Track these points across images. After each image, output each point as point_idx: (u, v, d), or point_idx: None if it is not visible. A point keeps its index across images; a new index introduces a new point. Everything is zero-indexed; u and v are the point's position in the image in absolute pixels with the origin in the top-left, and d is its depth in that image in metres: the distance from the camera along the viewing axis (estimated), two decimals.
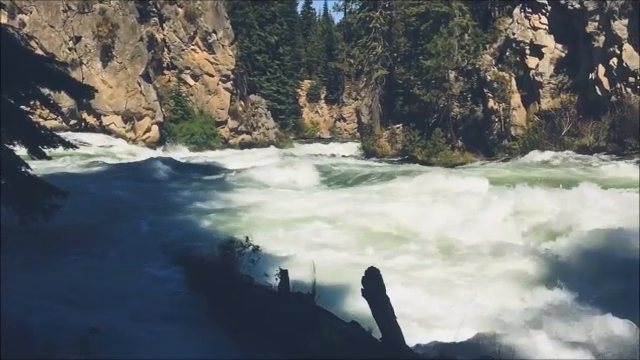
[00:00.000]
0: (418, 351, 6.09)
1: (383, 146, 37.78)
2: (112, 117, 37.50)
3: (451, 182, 17.24)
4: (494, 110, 32.01)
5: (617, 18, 26.61)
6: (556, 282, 8.92)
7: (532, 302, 7.89)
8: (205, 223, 13.16)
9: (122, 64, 37.36)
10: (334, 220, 13.43)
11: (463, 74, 33.63)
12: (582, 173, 20.52)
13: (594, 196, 13.29)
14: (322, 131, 67.07)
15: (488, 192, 15.43)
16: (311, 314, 6.30)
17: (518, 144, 30.24)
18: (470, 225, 12.45)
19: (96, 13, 37.27)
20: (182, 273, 8.24)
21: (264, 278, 6.91)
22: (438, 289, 8.92)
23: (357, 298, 5.94)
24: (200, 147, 39.20)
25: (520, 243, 11.56)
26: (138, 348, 5.76)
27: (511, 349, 5.94)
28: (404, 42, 40.83)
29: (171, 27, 41.94)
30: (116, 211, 13.58)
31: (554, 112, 29.03)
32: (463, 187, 16.30)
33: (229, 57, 43.02)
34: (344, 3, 52.90)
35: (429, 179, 17.90)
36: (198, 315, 6.77)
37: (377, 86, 41.43)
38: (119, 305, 6.92)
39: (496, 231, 12.16)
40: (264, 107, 48.60)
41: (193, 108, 42.03)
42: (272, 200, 16.26)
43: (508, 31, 32.00)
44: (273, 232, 12.26)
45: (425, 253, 11.23)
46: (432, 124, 33.89)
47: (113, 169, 23.36)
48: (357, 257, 10.48)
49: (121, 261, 9.35)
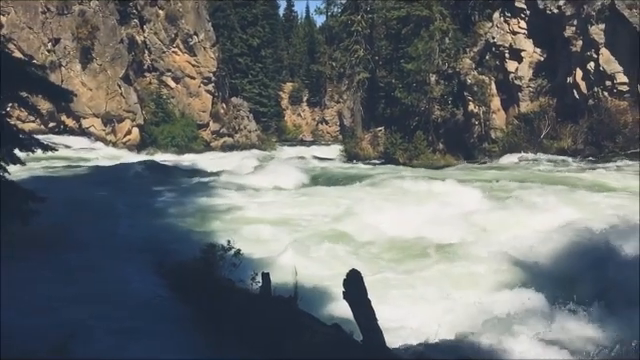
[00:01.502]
0: (398, 352, 6.14)
1: (365, 149, 37.89)
2: (92, 120, 37.12)
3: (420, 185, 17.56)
4: (474, 113, 32.34)
5: (594, 23, 27.08)
6: (529, 283, 9.05)
7: (506, 302, 7.98)
8: (186, 226, 13.09)
9: (102, 66, 37.01)
10: (314, 222, 13.45)
11: (444, 77, 33.92)
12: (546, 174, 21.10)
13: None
14: (304, 134, 67.17)
15: (452, 192, 15.71)
16: (293, 317, 6.32)
17: (498, 147, 30.57)
18: (437, 225, 12.57)
19: (75, 15, 36.88)
20: (162, 277, 8.19)
21: (246, 282, 6.90)
22: (410, 290, 8.98)
23: (338, 300, 5.97)
24: (181, 150, 38.94)
25: (488, 243, 11.59)
26: (120, 351, 5.72)
27: (488, 349, 6.02)
28: (385, 45, 41.05)
29: (152, 29, 41.64)
30: (94, 215, 13.39)
31: (533, 115, 29.42)
32: (432, 189, 16.62)
33: (210, 59, 42.85)
34: (326, 6, 53.13)
35: (401, 182, 18.21)
36: (178, 319, 6.73)
37: (359, 89, 41.58)
38: (97, 309, 6.84)
39: (463, 231, 12.28)
40: (246, 110, 48.47)
41: (174, 111, 41.76)
42: (254, 203, 16.23)
43: (488, 35, 32.37)
44: (255, 235, 12.23)
45: (394, 254, 11.25)
46: (413, 127, 34.11)
47: (92, 172, 23.09)
48: (338, 261, 10.49)
49: (99, 265, 9.22)
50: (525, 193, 15.15)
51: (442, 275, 9.96)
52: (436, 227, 12.52)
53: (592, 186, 16.85)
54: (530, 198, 14.52)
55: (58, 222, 11.46)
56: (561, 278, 9.06)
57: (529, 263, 10.20)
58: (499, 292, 8.98)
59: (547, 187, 15.94)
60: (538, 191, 15.29)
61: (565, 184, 16.97)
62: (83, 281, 8.11)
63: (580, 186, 16.71)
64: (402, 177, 19.93)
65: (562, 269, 9.77)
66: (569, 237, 10.83)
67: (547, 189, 15.55)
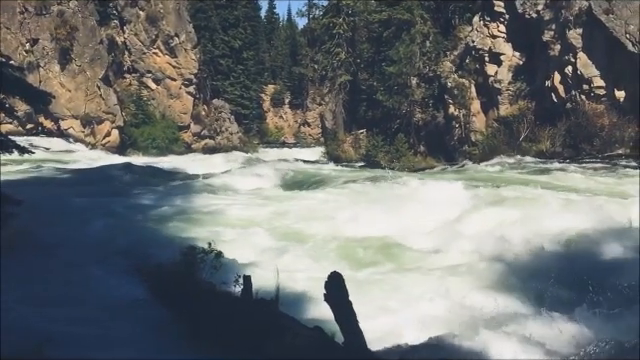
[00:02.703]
0: (380, 354, 6.16)
1: (347, 151, 38.00)
2: (71, 121, 36.66)
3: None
4: (454, 116, 32.62)
5: (572, 27, 27.51)
6: (512, 283, 9.14)
7: (490, 303, 8.04)
8: (166, 229, 12.97)
9: (81, 67, 36.58)
10: (295, 225, 13.44)
11: (425, 80, 34.17)
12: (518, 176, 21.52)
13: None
14: (286, 136, 67.12)
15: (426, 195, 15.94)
16: (274, 320, 6.30)
17: (478, 149, 30.87)
18: (412, 226, 12.66)
19: (54, 15, 36.41)
20: (142, 280, 8.11)
21: (227, 284, 6.87)
22: (391, 292, 9.02)
23: (320, 303, 5.97)
24: (162, 152, 38.67)
25: (470, 243, 11.71)
26: (100, 351, 5.65)
27: (469, 350, 6.06)
28: (367, 48, 41.24)
29: (132, 30, 41.31)
30: (73, 218, 13.20)
31: (512, 118, 29.77)
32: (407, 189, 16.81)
33: (192, 61, 42.63)
34: (308, 9, 53.31)
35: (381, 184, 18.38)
36: (158, 322, 6.67)
37: (341, 91, 41.69)
38: (75, 313, 6.75)
39: (443, 232, 12.39)
40: (227, 112, 48.30)
41: (155, 112, 41.46)
42: (234, 205, 16.16)
43: (468, 39, 32.70)
44: (236, 237, 12.17)
45: (372, 256, 11.27)
46: (395, 129, 34.30)
47: (71, 175, 22.80)
48: (318, 265, 10.48)
49: (78, 268, 9.09)
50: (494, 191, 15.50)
51: (420, 275, 10.02)
52: (411, 228, 12.60)
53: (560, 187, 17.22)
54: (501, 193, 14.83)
55: (28, 225, 11.25)
56: (543, 278, 9.17)
57: (508, 263, 10.32)
58: (479, 292, 9.04)
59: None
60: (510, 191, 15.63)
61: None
62: (57, 284, 7.98)
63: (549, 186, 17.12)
64: (384, 179, 20.03)
65: (543, 269, 9.90)
66: (550, 237, 10.99)
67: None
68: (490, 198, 14.93)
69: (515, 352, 6.62)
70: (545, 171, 22.65)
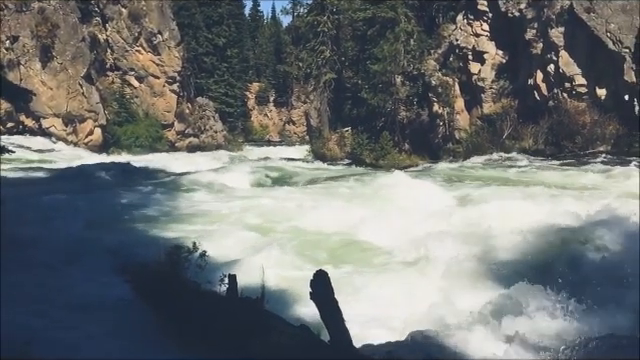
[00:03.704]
0: (366, 352, 6.16)
1: (332, 149, 38.01)
2: (52, 120, 36.19)
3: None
4: (439, 114, 32.80)
5: (554, 26, 27.81)
6: (495, 280, 9.21)
7: (473, 300, 8.10)
8: (149, 228, 12.87)
9: (63, 65, 36.12)
10: (280, 224, 13.41)
11: (409, 79, 34.29)
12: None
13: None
14: (271, 134, 67.02)
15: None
16: (260, 318, 6.28)
17: (462, 147, 31.08)
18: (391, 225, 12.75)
19: (35, 12, 35.90)
20: (126, 280, 8.02)
21: (212, 284, 6.82)
22: (374, 290, 9.05)
23: (306, 301, 5.96)
24: (145, 150, 38.33)
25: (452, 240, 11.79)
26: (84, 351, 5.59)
27: (455, 347, 6.09)
28: (352, 46, 41.27)
29: (114, 27, 40.88)
30: (54, 218, 13.01)
31: (495, 116, 30.03)
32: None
33: (175, 59, 42.31)
34: (292, 7, 53.16)
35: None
36: (142, 321, 6.62)
37: (326, 89, 41.67)
38: (57, 313, 6.66)
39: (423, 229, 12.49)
40: (212, 110, 48.05)
41: (138, 110, 41.08)
42: (219, 204, 16.09)
43: (451, 37, 32.88)
44: (220, 236, 12.11)
45: (352, 255, 11.28)
46: (380, 127, 34.38)
47: (53, 174, 22.51)
48: (302, 264, 10.47)
49: (60, 268, 8.96)
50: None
51: (405, 273, 10.05)
52: (394, 226, 12.67)
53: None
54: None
55: (15, 228, 11.06)
56: (530, 273, 9.25)
57: (495, 259, 10.39)
58: (466, 289, 9.10)
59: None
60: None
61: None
62: (32, 284, 7.85)
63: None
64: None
65: (531, 264, 10.00)
66: (537, 232, 11.09)
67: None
68: (457, 195, 15.46)
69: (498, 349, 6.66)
70: (518, 167, 23.37)
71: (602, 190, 16.33)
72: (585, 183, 18.18)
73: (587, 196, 14.83)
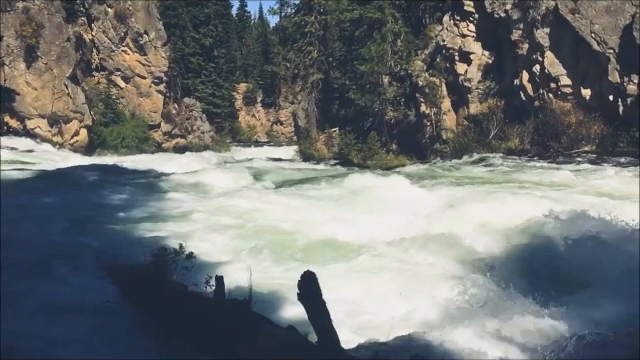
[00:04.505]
0: (353, 353, 6.17)
1: (320, 149, 38.05)
2: (37, 120, 35.79)
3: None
4: (426, 114, 32.94)
5: (539, 27, 28.04)
6: (481, 278, 9.26)
7: (459, 298, 8.14)
8: (136, 230, 12.76)
9: (48, 65, 35.75)
10: (269, 225, 13.37)
11: (396, 79, 34.41)
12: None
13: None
14: (259, 135, 66.84)
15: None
16: (247, 320, 6.26)
17: (449, 147, 31.24)
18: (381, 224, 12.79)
19: (19, 12, 35.49)
20: (111, 282, 7.95)
21: (199, 285, 6.79)
22: (360, 289, 9.06)
23: (293, 302, 5.95)
24: (132, 151, 38.03)
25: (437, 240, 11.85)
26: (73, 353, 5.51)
27: (441, 346, 6.12)
28: (339, 47, 41.35)
29: (100, 27, 40.54)
30: (38, 220, 12.82)
31: (482, 116, 30.20)
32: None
33: (162, 59, 42.06)
34: (279, 7, 53.13)
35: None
36: (128, 325, 6.56)
37: (313, 90, 41.68)
38: (38, 318, 6.57)
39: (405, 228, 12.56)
40: (199, 110, 47.83)
41: (124, 111, 40.74)
42: (205, 205, 15.99)
43: (438, 38, 33.03)
44: (208, 238, 12.06)
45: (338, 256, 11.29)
46: (367, 128, 34.47)
47: (37, 175, 22.23)
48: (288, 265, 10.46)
49: (43, 270, 8.79)
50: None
51: (391, 272, 10.08)
52: (379, 226, 12.70)
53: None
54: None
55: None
56: (515, 272, 9.32)
57: (481, 258, 10.45)
58: (450, 287, 9.13)
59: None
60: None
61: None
62: (27, 288, 7.74)
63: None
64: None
65: (516, 263, 10.07)
66: (521, 231, 11.19)
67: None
68: (434, 194, 15.75)
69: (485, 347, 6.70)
70: (494, 166, 23.89)
71: (570, 188, 16.64)
72: (555, 181, 18.50)
73: (555, 194, 15.16)
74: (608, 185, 17.02)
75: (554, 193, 15.52)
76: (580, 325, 7.17)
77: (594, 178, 18.77)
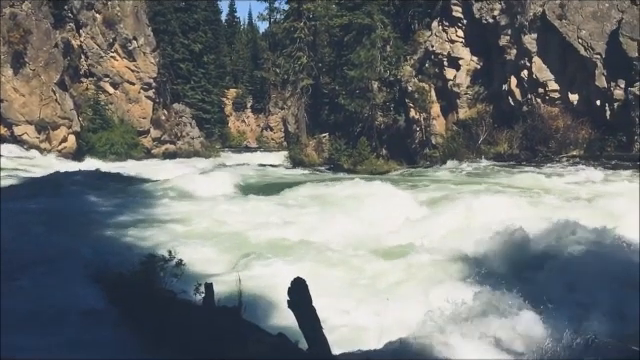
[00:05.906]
0: (343, 358, 6.14)
1: (310, 155, 38.04)
2: (25, 127, 35.49)
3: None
4: (415, 120, 33.05)
5: (527, 32, 28.24)
6: (473, 282, 9.27)
7: (450, 303, 8.12)
8: (124, 237, 12.63)
9: (35, 71, 35.48)
10: (257, 231, 13.31)
11: (386, 84, 34.52)
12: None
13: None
14: (249, 140, 66.74)
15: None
16: (237, 327, 6.22)
17: (438, 152, 31.35)
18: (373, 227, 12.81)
19: (6, 18, 35.20)
20: (99, 290, 7.86)
21: (188, 293, 6.74)
22: (348, 295, 9.04)
23: (284, 309, 5.91)
24: (121, 157, 37.83)
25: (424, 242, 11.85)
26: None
27: (432, 351, 6.10)
28: (329, 52, 41.46)
29: (89, 33, 40.35)
30: (24, 227, 12.64)
31: (471, 121, 30.34)
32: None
33: (151, 65, 41.93)
34: (269, 12, 53.20)
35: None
36: (116, 333, 6.49)
37: (303, 95, 41.74)
38: (26, 326, 6.48)
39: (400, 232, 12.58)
40: (188, 116, 47.67)
41: (113, 117, 40.54)
42: (194, 212, 15.89)
43: (427, 43, 33.19)
44: (197, 245, 11.97)
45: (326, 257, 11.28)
46: (357, 133, 34.53)
47: (24, 182, 22.02)
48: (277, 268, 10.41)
49: (29, 278, 8.65)
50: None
51: (383, 276, 10.07)
52: (372, 228, 12.71)
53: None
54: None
55: None
56: (506, 276, 9.33)
57: (473, 261, 10.47)
58: (441, 291, 9.13)
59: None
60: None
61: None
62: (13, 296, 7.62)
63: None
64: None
65: (507, 267, 10.10)
66: (511, 234, 11.23)
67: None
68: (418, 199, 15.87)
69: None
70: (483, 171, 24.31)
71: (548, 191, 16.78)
72: (538, 185, 18.59)
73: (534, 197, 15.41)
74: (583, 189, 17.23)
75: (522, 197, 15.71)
76: (563, 328, 7.19)
77: (565, 182, 18.95)
